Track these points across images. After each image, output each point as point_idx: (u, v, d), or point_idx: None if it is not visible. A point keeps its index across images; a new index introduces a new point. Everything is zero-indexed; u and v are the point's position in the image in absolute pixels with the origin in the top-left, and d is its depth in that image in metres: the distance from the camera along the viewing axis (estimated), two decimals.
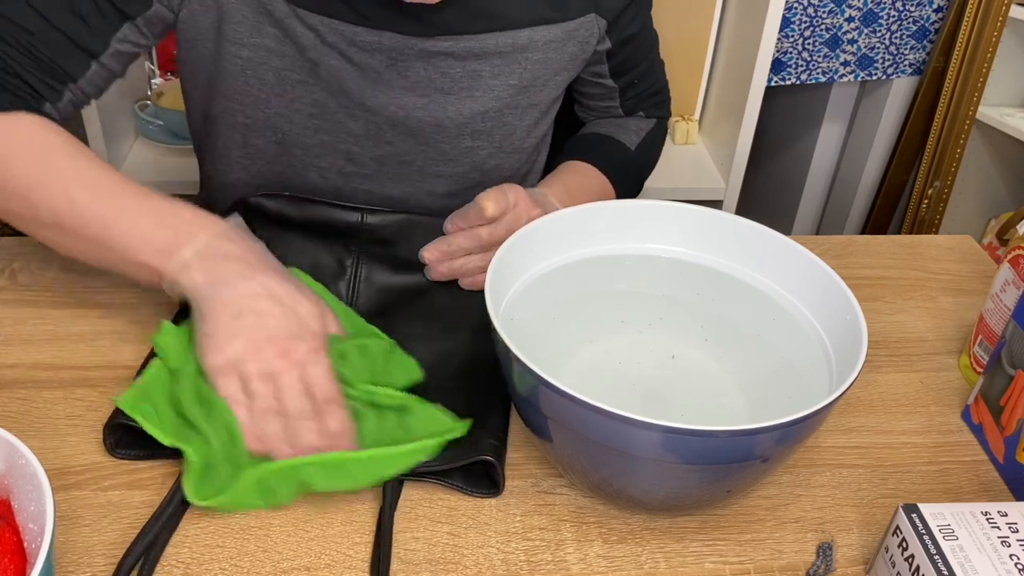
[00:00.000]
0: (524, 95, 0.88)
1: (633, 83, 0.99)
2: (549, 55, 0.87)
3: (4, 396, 0.69)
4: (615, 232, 0.73)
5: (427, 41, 0.81)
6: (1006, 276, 0.73)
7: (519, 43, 0.84)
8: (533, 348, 0.57)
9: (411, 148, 0.88)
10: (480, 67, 0.84)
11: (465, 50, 0.83)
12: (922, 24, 1.72)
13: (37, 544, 0.48)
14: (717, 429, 0.51)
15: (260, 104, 0.85)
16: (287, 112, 0.85)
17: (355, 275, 0.78)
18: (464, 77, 0.84)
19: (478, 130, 0.88)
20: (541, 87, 0.89)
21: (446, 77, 0.84)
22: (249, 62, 0.82)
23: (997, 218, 1.85)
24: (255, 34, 0.80)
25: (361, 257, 0.79)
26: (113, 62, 0.78)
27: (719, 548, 0.61)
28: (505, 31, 0.83)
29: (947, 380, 0.78)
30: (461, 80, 0.85)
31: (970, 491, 0.67)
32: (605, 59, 0.95)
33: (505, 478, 0.64)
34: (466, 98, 0.86)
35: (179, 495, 0.60)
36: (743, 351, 0.71)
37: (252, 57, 0.82)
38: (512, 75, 0.86)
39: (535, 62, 0.86)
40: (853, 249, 0.95)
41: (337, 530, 0.61)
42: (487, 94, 0.86)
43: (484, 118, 0.88)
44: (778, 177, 2.14)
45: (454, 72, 0.84)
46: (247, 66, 0.82)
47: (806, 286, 0.68)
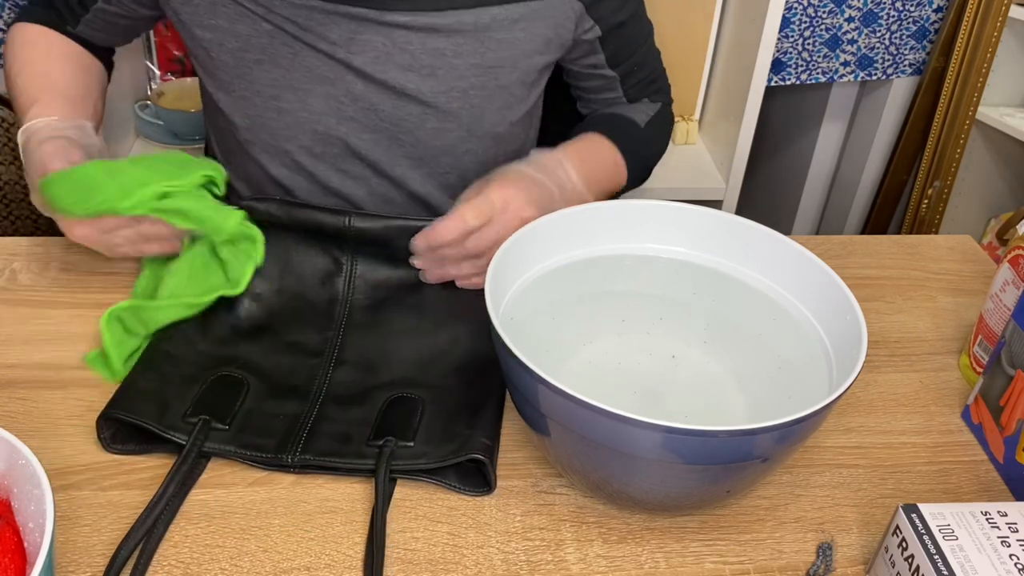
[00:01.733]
0: (490, 76, 0.88)
1: (633, 70, 0.98)
2: (515, 35, 0.86)
3: (4, 396, 0.69)
4: (615, 232, 0.73)
5: (385, 14, 0.81)
6: (1006, 276, 0.73)
7: (482, 22, 0.84)
8: (533, 348, 0.57)
9: (375, 124, 0.88)
10: (441, 44, 0.84)
11: (426, 25, 0.83)
12: (922, 24, 1.72)
13: (37, 544, 0.48)
14: (717, 429, 0.51)
15: (224, 87, 0.87)
16: (248, 94, 0.87)
17: (350, 272, 0.78)
18: (424, 54, 0.84)
19: (443, 110, 0.88)
20: (510, 69, 0.88)
21: (405, 53, 0.84)
22: (210, 43, 0.85)
23: (997, 218, 1.85)
24: (211, 15, 0.83)
25: (354, 256, 0.79)
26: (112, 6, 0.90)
27: (719, 548, 0.61)
28: (468, 8, 0.83)
29: (947, 380, 0.78)
30: (421, 57, 0.84)
31: (970, 491, 0.67)
32: (599, 48, 0.94)
33: (497, 477, 0.64)
34: (427, 76, 0.86)
35: (172, 489, 0.61)
36: (743, 351, 0.71)
37: (212, 38, 0.84)
38: (474, 54, 0.86)
39: (499, 42, 0.86)
40: (853, 249, 0.95)
41: (337, 530, 0.61)
42: (449, 73, 0.86)
43: (448, 97, 0.87)
44: (778, 177, 2.14)
45: (413, 48, 0.84)
46: (209, 47, 0.85)
47: (806, 286, 0.68)
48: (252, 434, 0.65)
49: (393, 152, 0.90)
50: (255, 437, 0.65)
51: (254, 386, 0.69)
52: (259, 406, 0.68)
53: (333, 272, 0.78)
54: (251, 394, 0.68)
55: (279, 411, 0.67)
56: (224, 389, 0.68)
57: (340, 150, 0.89)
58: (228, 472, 0.64)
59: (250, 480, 0.64)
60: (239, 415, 0.66)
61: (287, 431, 0.66)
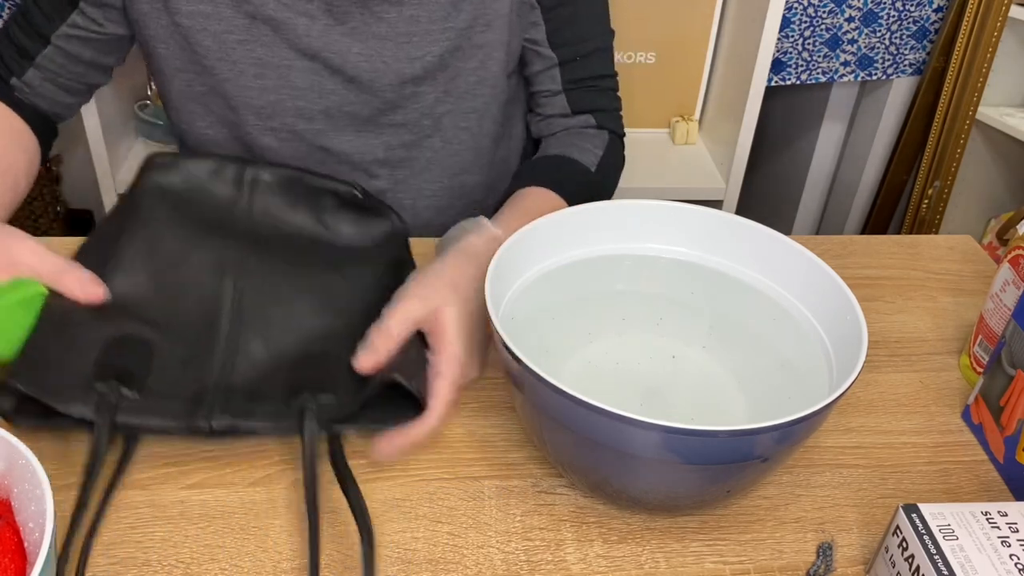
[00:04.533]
0: (464, 37, 0.88)
1: (575, 60, 0.94)
2: None
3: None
4: (615, 232, 0.73)
5: None
6: (1006, 276, 0.73)
7: None
8: (533, 348, 0.57)
9: (355, 97, 0.89)
10: (417, 12, 0.85)
11: None
12: (922, 24, 1.72)
13: (37, 544, 0.48)
14: (717, 429, 0.51)
15: (207, 72, 0.87)
16: (232, 75, 0.87)
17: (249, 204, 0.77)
18: (401, 22, 0.85)
19: (419, 76, 0.89)
20: (484, 27, 0.88)
21: (382, 23, 0.85)
22: (191, 29, 0.85)
23: (997, 218, 1.85)
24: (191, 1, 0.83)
25: (255, 194, 0.78)
26: (69, 45, 0.87)
27: (719, 548, 0.61)
28: None
29: (947, 380, 0.78)
30: (398, 25, 0.85)
31: (970, 491, 0.67)
32: (540, 20, 0.92)
33: (425, 397, 0.62)
34: (404, 43, 0.86)
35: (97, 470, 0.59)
36: (743, 351, 0.71)
37: (192, 24, 0.84)
38: (448, 18, 0.86)
39: (472, 3, 0.86)
40: (853, 249, 0.95)
41: (337, 530, 0.61)
42: (425, 39, 0.86)
43: (424, 62, 0.88)
44: (778, 177, 2.14)
45: (390, 17, 0.85)
46: (189, 33, 0.85)
47: (806, 286, 0.68)
48: (163, 401, 0.63)
49: (375, 121, 0.91)
50: (166, 403, 0.63)
51: (159, 346, 0.66)
52: (166, 370, 0.65)
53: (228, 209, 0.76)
54: (156, 355, 0.66)
55: (187, 374, 0.65)
56: (128, 351, 0.65)
57: (323, 125, 0.90)
58: (228, 472, 0.64)
59: (250, 480, 0.64)
60: (150, 379, 0.64)
61: (198, 394, 0.64)
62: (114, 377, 0.63)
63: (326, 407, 0.64)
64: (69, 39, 0.87)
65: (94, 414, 0.61)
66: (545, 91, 0.97)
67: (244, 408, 0.64)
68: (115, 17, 0.87)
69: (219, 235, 0.75)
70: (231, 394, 0.65)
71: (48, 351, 0.63)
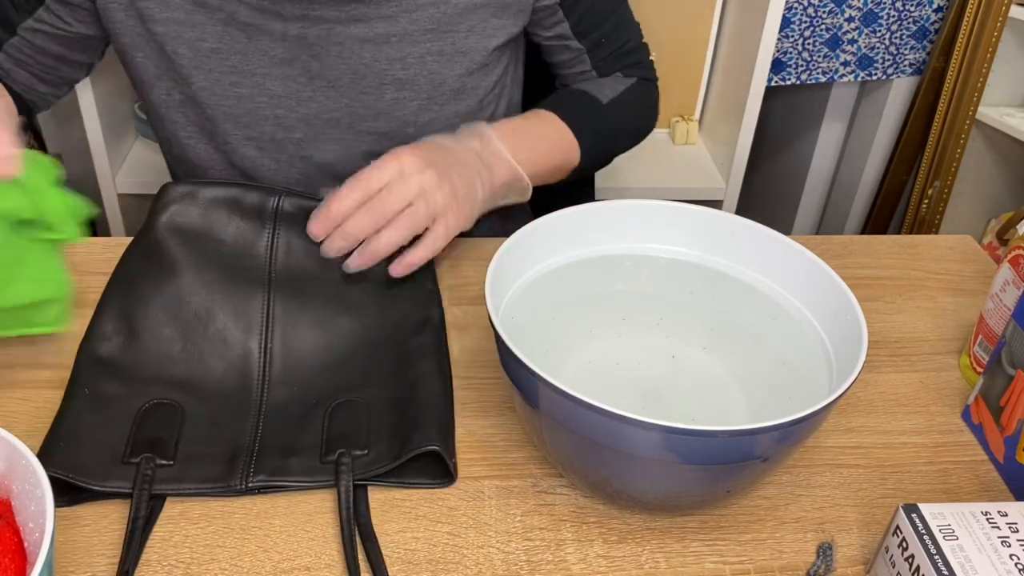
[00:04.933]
0: (446, 40, 0.87)
1: (600, 43, 0.95)
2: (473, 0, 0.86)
3: (4, 396, 0.69)
4: (615, 232, 0.73)
5: None
6: (1006, 276, 0.73)
7: None
8: (533, 348, 0.57)
9: (335, 104, 0.87)
10: (393, 11, 0.84)
11: None
12: (922, 24, 1.72)
13: (37, 544, 0.48)
14: (717, 429, 0.51)
15: (183, 81, 0.86)
16: (208, 84, 0.86)
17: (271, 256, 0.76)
18: (378, 22, 0.84)
19: (400, 79, 0.87)
20: (466, 33, 0.87)
21: (359, 23, 0.84)
22: (165, 37, 0.84)
23: (997, 218, 1.85)
24: (164, 8, 0.82)
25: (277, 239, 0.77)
26: (35, 38, 0.87)
27: (719, 548, 0.61)
28: None
29: (947, 380, 0.78)
30: (376, 25, 0.84)
31: (970, 491, 0.67)
32: (563, 17, 0.92)
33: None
34: (382, 44, 0.85)
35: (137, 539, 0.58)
36: (743, 351, 0.71)
37: (166, 32, 0.83)
38: (429, 20, 0.85)
39: (456, 6, 0.85)
40: (853, 249, 0.95)
41: (337, 530, 0.61)
42: (404, 39, 0.85)
43: (404, 65, 0.86)
44: (778, 177, 2.14)
45: (368, 18, 0.83)
46: (164, 42, 0.84)
47: (806, 286, 0.68)
48: (199, 465, 0.63)
49: (356, 128, 0.89)
50: (203, 467, 0.62)
51: (189, 409, 0.66)
52: (199, 433, 0.65)
53: (258, 265, 0.76)
54: (188, 419, 0.66)
55: (221, 434, 0.65)
56: (159, 420, 0.65)
57: (303, 134, 0.89)
58: None
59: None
60: (181, 445, 0.64)
61: (233, 456, 0.64)
62: (147, 448, 0.63)
63: (360, 460, 0.63)
64: (35, 32, 0.86)
65: (132, 488, 0.60)
66: (576, 73, 0.98)
67: (279, 465, 0.63)
68: (84, 17, 0.86)
69: (245, 280, 0.74)
70: (265, 452, 0.64)
71: (79, 431, 0.63)
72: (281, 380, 0.70)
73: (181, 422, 0.65)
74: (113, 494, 0.61)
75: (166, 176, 1.55)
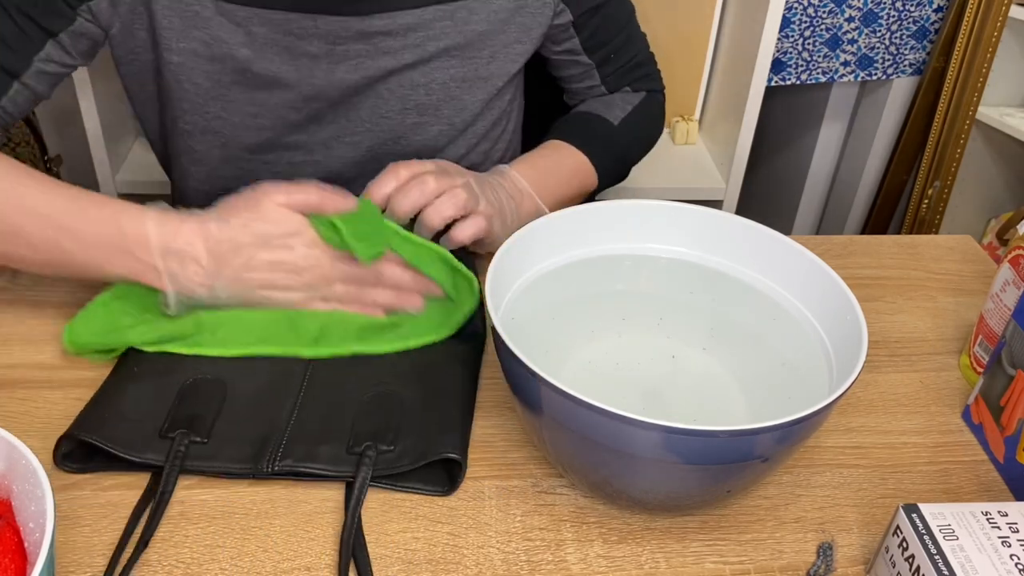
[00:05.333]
0: (470, 68, 0.86)
1: (610, 58, 0.96)
2: (495, 27, 0.85)
3: (4, 396, 0.69)
4: (615, 232, 0.73)
5: (364, 20, 0.80)
6: (1006, 276, 0.73)
7: (460, 15, 0.83)
8: (533, 348, 0.57)
9: (357, 127, 0.87)
10: (421, 41, 0.83)
11: (403, 26, 0.82)
12: (922, 24, 1.72)
13: (37, 544, 0.48)
14: (717, 429, 0.51)
15: (197, 109, 0.84)
16: (225, 115, 0.84)
17: None
18: (405, 51, 0.83)
19: (423, 104, 0.87)
20: (488, 59, 0.87)
21: (387, 56, 0.83)
22: (181, 67, 0.81)
23: (997, 218, 1.85)
24: (184, 39, 0.79)
25: None
26: (36, 82, 0.79)
27: (719, 548, 0.61)
28: (446, 3, 0.82)
29: (947, 380, 0.78)
30: (402, 55, 0.83)
31: (970, 491, 0.67)
32: (574, 33, 0.92)
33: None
34: (408, 71, 0.84)
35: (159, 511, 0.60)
36: (743, 351, 0.71)
37: (183, 62, 0.81)
38: (455, 48, 0.85)
39: (480, 35, 0.85)
40: (853, 249, 0.95)
41: (337, 530, 0.61)
42: (429, 65, 0.85)
43: (428, 91, 0.86)
44: (778, 177, 2.14)
45: (394, 49, 0.83)
46: (179, 71, 0.81)
47: (806, 286, 0.68)
48: (232, 445, 0.64)
49: (375, 152, 0.89)
50: (234, 447, 0.64)
51: (232, 388, 0.68)
52: (237, 412, 0.66)
53: None
54: (228, 398, 0.67)
55: (259, 415, 0.66)
56: (200, 397, 0.67)
57: (322, 156, 0.88)
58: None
59: (251, 480, 0.64)
60: (217, 424, 0.65)
61: (265, 438, 0.64)
62: (185, 424, 0.64)
63: (384, 456, 0.64)
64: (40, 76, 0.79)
65: (165, 461, 0.62)
66: (584, 87, 0.99)
67: (307, 451, 0.64)
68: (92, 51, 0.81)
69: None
70: (297, 437, 0.65)
71: (122, 404, 0.65)
72: (324, 374, 0.70)
73: (222, 400, 0.67)
74: (144, 466, 0.62)
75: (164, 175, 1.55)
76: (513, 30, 0.87)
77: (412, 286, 0.75)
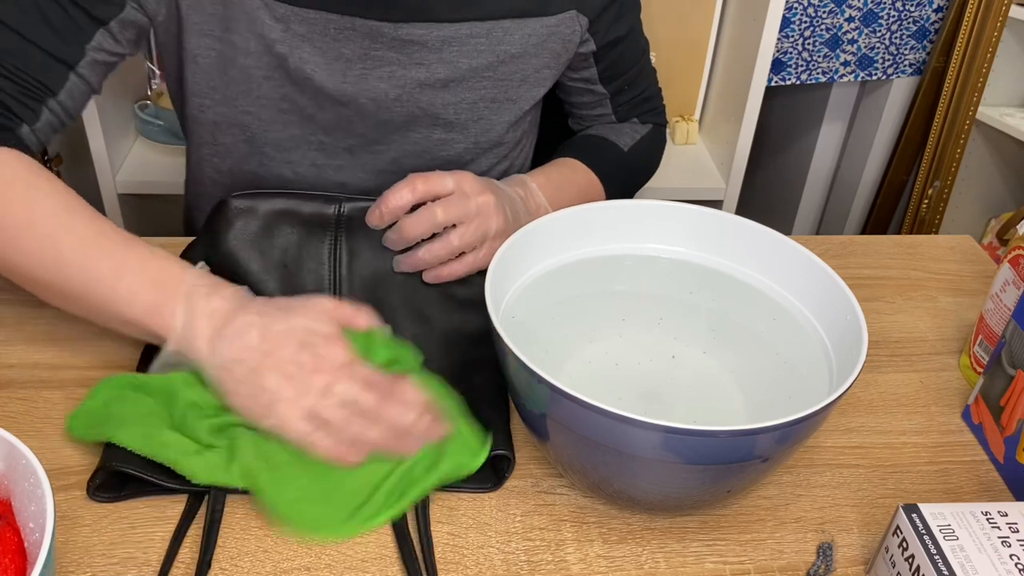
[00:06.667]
0: (500, 89, 0.87)
1: (624, 89, 0.99)
2: (528, 49, 0.86)
3: (4, 396, 0.69)
4: (615, 232, 0.73)
5: (400, 27, 0.80)
6: (1006, 276, 0.73)
7: (495, 35, 0.84)
8: (533, 348, 0.57)
9: (383, 137, 0.87)
10: (454, 57, 0.83)
11: (439, 39, 0.82)
12: (922, 24, 1.72)
13: (37, 544, 0.48)
14: (717, 429, 0.51)
15: (227, 102, 0.85)
16: (255, 109, 0.84)
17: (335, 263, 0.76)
18: (438, 65, 0.83)
19: (451, 122, 0.87)
20: (519, 83, 0.88)
21: (420, 67, 0.83)
22: (217, 59, 0.82)
23: (997, 218, 1.85)
24: (222, 29, 0.80)
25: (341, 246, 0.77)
26: (90, 73, 0.77)
27: (719, 548, 0.61)
28: (482, 20, 0.82)
29: (947, 380, 0.78)
30: (435, 69, 0.83)
31: (970, 491, 0.67)
32: (593, 63, 0.94)
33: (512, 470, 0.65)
34: (440, 89, 0.85)
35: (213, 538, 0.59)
36: (743, 351, 0.71)
37: (220, 54, 0.81)
38: (488, 68, 0.85)
39: (513, 56, 0.85)
40: (853, 249, 0.95)
41: None
42: (460, 84, 0.85)
43: (457, 110, 0.87)
44: (778, 177, 2.14)
45: (428, 61, 0.83)
46: (214, 63, 0.82)
47: (806, 286, 0.68)
48: None
49: (399, 163, 0.89)
50: None
51: None
52: None
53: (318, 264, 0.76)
54: None
55: None
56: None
57: (345, 162, 0.88)
58: None
59: None
60: None
61: None
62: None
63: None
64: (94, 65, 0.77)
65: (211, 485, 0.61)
66: (595, 115, 1.01)
67: None
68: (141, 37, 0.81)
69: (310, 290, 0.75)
70: None
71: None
72: None
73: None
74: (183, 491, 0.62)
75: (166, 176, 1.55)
76: (545, 55, 0.88)
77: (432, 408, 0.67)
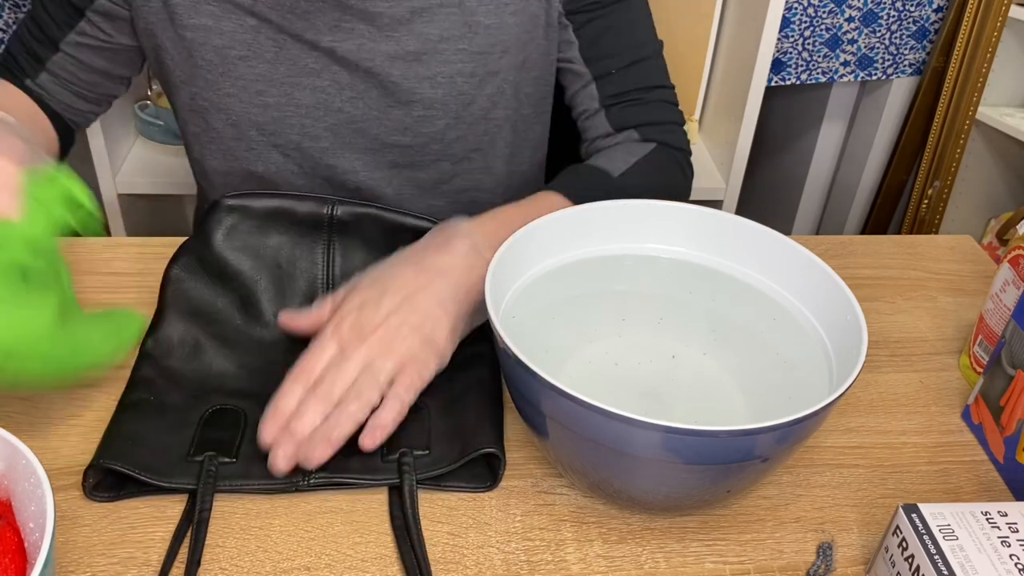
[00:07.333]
0: (479, 62, 0.86)
1: (611, 74, 0.91)
2: (504, 19, 0.85)
3: (4, 396, 0.69)
4: (615, 232, 0.73)
5: (366, 2, 0.81)
6: (1006, 276, 0.73)
7: (468, 4, 0.83)
8: (533, 348, 0.57)
9: (363, 114, 0.87)
10: (427, 29, 0.83)
11: (409, 10, 0.82)
12: (922, 24, 1.72)
13: (37, 544, 0.48)
14: (717, 429, 0.51)
15: (210, 86, 0.86)
16: (234, 91, 0.85)
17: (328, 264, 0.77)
18: (409, 39, 0.84)
19: (429, 97, 0.87)
20: (500, 53, 0.87)
21: (390, 40, 0.83)
22: (192, 43, 0.83)
23: (997, 218, 1.85)
24: (194, 13, 0.82)
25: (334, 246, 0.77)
26: (79, 52, 0.87)
27: (719, 548, 0.61)
28: None
29: (947, 380, 0.78)
30: (407, 42, 0.84)
31: (970, 491, 0.67)
32: (572, 35, 0.90)
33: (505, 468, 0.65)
34: (412, 62, 0.85)
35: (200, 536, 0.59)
36: (743, 351, 0.71)
37: (194, 37, 0.83)
38: (462, 39, 0.85)
39: (487, 27, 0.85)
40: (853, 249, 0.95)
41: (337, 530, 0.61)
42: (435, 58, 0.85)
43: (433, 84, 0.86)
44: (778, 177, 2.14)
45: (398, 35, 0.83)
46: (191, 47, 0.84)
47: (806, 286, 0.68)
48: (261, 464, 0.63)
49: (382, 140, 0.89)
50: (264, 465, 0.63)
51: (252, 414, 0.67)
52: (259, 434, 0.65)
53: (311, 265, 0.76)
54: (250, 423, 0.66)
55: None
56: (222, 423, 0.66)
57: (329, 143, 0.89)
58: None
59: None
60: (243, 446, 0.64)
61: None
62: (211, 447, 0.64)
63: (421, 460, 0.64)
64: (79, 47, 0.86)
65: (198, 483, 0.61)
66: (584, 111, 0.93)
67: (340, 463, 0.63)
68: (123, 28, 0.86)
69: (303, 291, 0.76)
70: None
71: (142, 432, 0.64)
72: None
73: (244, 425, 0.66)
74: (176, 490, 0.62)
75: (166, 176, 1.55)
76: (524, 22, 0.87)
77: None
